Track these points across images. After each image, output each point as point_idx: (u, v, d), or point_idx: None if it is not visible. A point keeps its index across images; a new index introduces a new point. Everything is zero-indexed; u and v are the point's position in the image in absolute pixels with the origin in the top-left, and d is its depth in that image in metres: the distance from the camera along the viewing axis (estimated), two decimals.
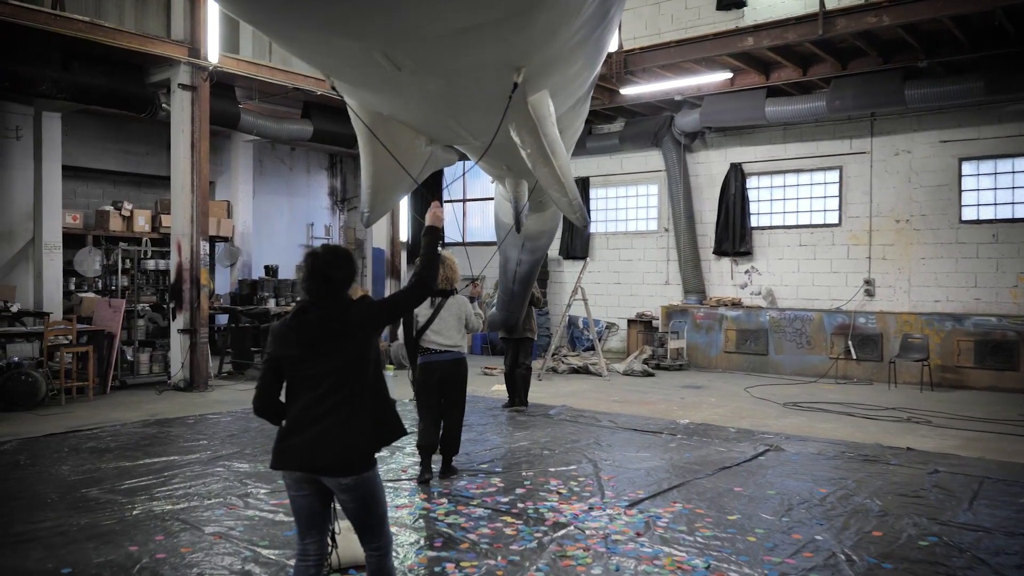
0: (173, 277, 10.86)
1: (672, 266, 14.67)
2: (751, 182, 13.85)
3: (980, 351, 11.18)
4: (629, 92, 13.06)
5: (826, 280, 13.10)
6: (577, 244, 15.67)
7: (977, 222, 11.88)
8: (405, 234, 15.86)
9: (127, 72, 10.78)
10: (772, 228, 13.71)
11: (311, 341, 3.03)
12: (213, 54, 10.73)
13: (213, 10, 10.67)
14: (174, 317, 10.76)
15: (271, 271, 13.95)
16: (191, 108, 10.69)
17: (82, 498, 5.47)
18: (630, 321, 14.50)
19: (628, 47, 12.66)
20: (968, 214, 11.97)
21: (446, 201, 17.41)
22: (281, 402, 3.15)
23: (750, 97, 12.67)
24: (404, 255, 15.26)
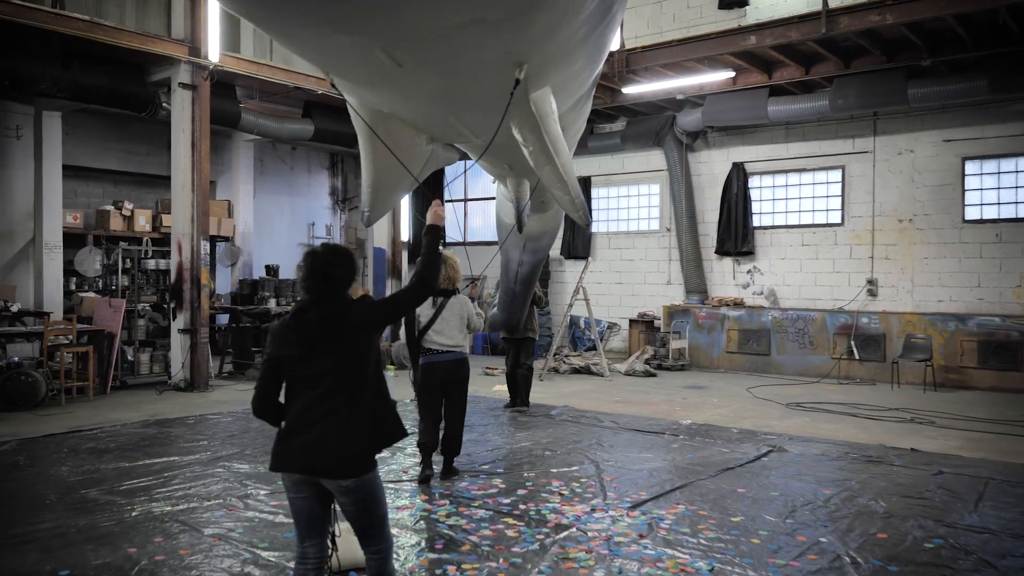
0: (173, 277, 10.83)
1: (674, 266, 14.63)
2: (753, 181, 13.80)
3: (983, 351, 11.13)
4: (631, 91, 13.02)
5: (828, 280, 13.05)
6: (579, 244, 15.62)
7: (980, 222, 11.83)
8: (406, 234, 15.82)
9: (127, 71, 10.75)
10: (774, 228, 13.67)
11: (311, 341, 2.99)
12: (214, 53, 10.70)
13: (214, 9, 10.64)
14: (174, 317, 10.73)
15: (272, 271, 13.93)
16: (191, 107, 10.65)
17: (81, 499, 5.43)
18: (632, 321, 14.46)
19: (630, 46, 12.61)
20: (971, 214, 11.92)
21: (447, 200, 17.39)
22: (280, 403, 3.11)
23: (752, 96, 12.63)
24: (405, 255, 15.23)
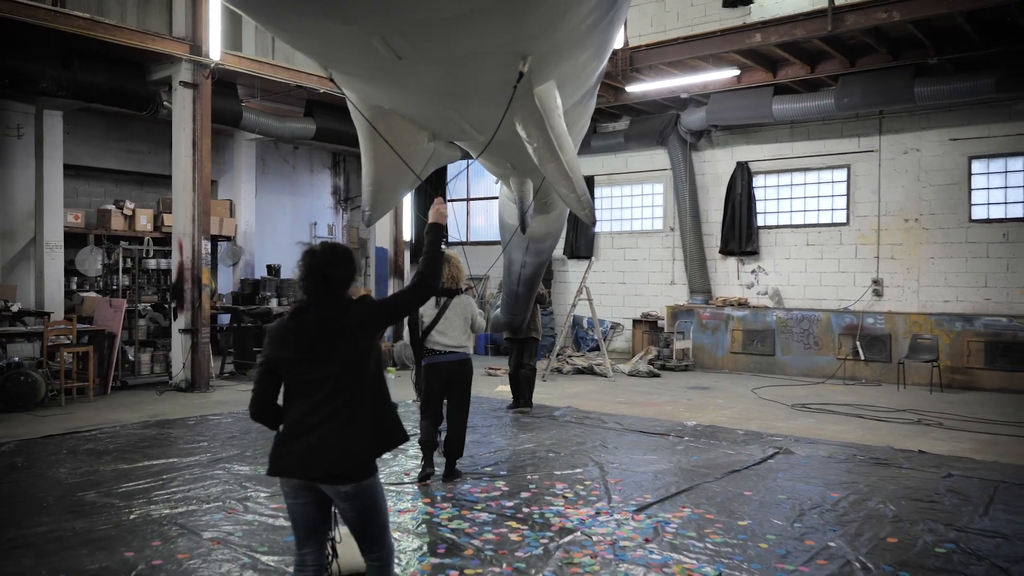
0: (174, 277, 10.77)
1: (678, 266, 14.54)
2: (758, 181, 13.71)
3: (990, 352, 11.03)
4: (635, 90, 12.93)
5: (834, 280, 12.96)
6: (582, 243, 15.54)
7: (987, 221, 11.73)
8: (408, 233, 15.73)
9: (128, 70, 10.68)
10: (779, 227, 13.57)
11: (309, 343, 2.91)
12: (215, 52, 10.62)
13: (215, 7, 10.56)
14: (175, 317, 10.67)
15: (273, 271, 13.85)
16: (192, 106, 10.58)
17: (79, 502, 5.36)
18: (635, 321, 14.38)
19: (633, 44, 12.53)
20: (978, 213, 11.82)
21: (449, 200, 17.31)
22: (279, 406, 3.03)
23: (757, 95, 12.54)
24: (407, 254, 15.14)
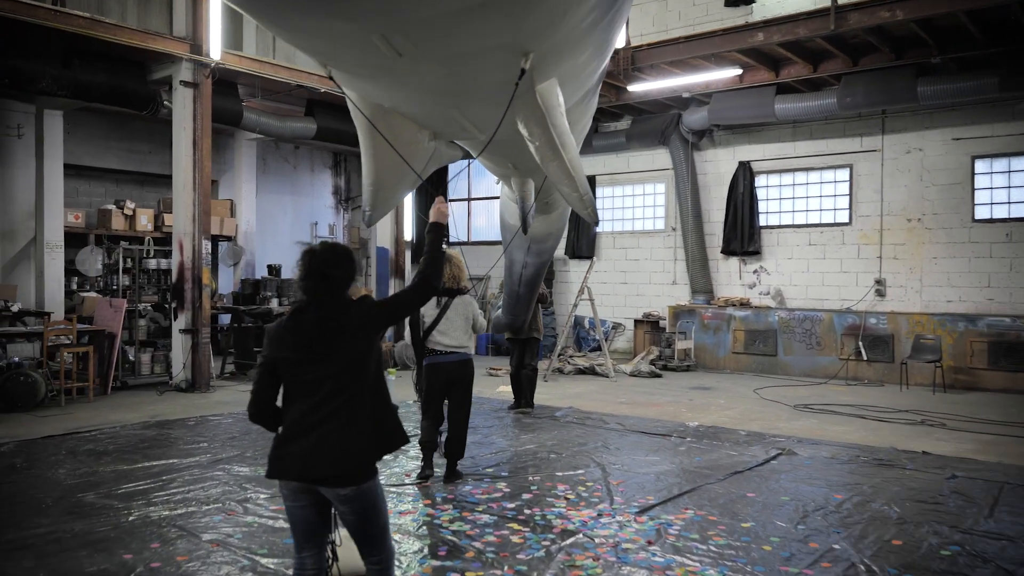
0: (175, 276, 10.74)
1: (679, 266, 14.50)
2: (760, 180, 13.67)
3: (994, 352, 10.98)
4: (636, 89, 12.89)
5: (836, 280, 12.91)
6: (583, 243, 15.51)
7: (990, 221, 11.68)
8: (410, 233, 15.70)
9: (128, 69, 10.65)
10: (781, 227, 13.53)
11: (308, 343, 2.87)
12: (215, 51, 10.59)
13: (216, 6, 10.53)
14: (176, 317, 10.64)
15: (274, 270, 13.82)
16: (193, 105, 10.55)
17: (78, 503, 5.33)
18: (637, 321, 14.33)
19: (635, 44, 12.49)
20: (981, 213, 11.77)
21: (450, 200, 17.29)
22: (278, 407, 3.00)
23: (759, 94, 12.50)
24: (408, 254, 15.11)
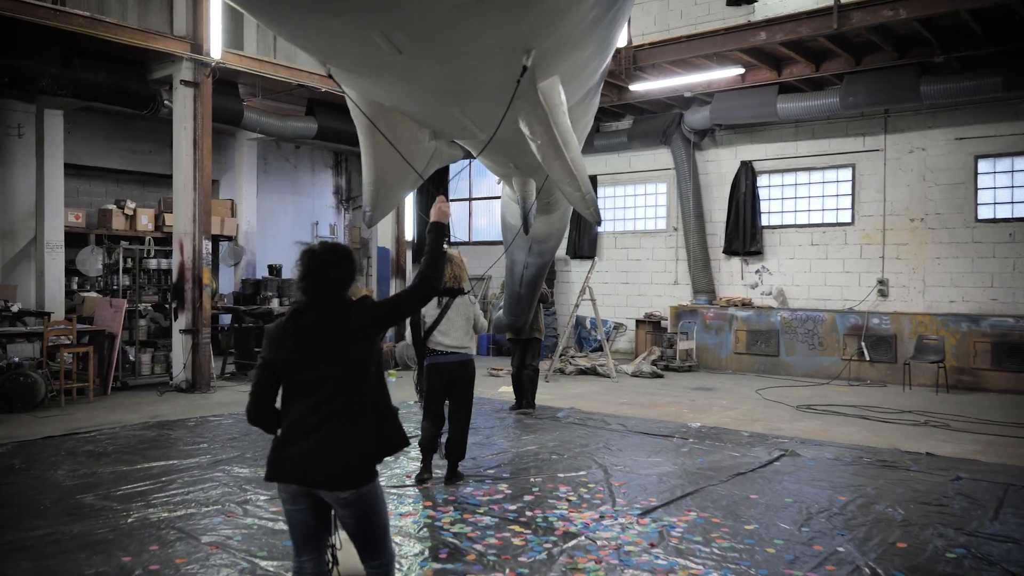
0: (175, 276, 10.71)
1: (681, 266, 14.46)
2: (762, 180, 13.63)
3: (997, 353, 10.94)
4: (638, 88, 12.85)
5: (838, 280, 12.87)
6: (585, 243, 15.47)
7: (993, 221, 11.64)
8: (410, 233, 15.67)
9: (129, 68, 10.62)
10: (783, 227, 13.49)
11: (308, 345, 2.84)
12: (216, 50, 10.55)
13: (216, 5, 10.50)
14: (176, 317, 10.61)
15: (275, 271, 13.79)
16: (193, 105, 10.52)
17: (76, 505, 5.30)
18: (638, 321, 14.30)
19: (637, 43, 12.45)
20: (984, 213, 11.73)
21: (451, 200, 17.25)
22: (277, 409, 2.96)
23: (761, 94, 12.45)
24: (409, 254, 15.07)
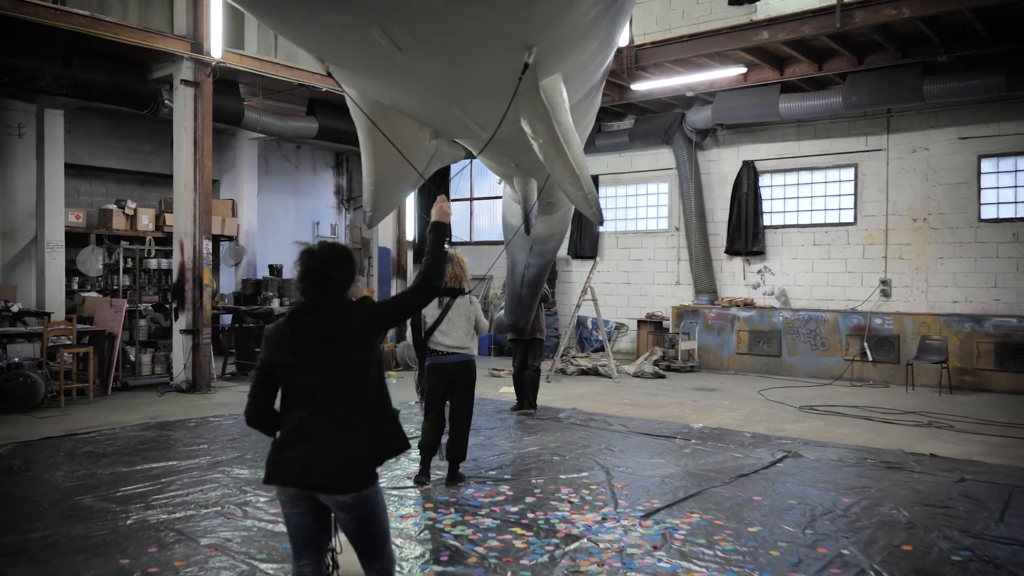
0: (175, 276, 10.68)
1: (683, 266, 14.42)
2: (764, 180, 13.58)
3: (1000, 353, 10.89)
4: (640, 88, 12.82)
5: (841, 280, 12.82)
6: (586, 243, 15.43)
7: (997, 221, 11.59)
8: (411, 233, 15.63)
9: (129, 68, 10.59)
10: (785, 227, 13.44)
11: (306, 346, 2.79)
12: (216, 50, 10.52)
13: (216, 5, 10.47)
14: (176, 317, 10.58)
15: (276, 271, 13.75)
16: (194, 104, 10.49)
17: (75, 506, 5.26)
18: (640, 322, 14.25)
19: (638, 42, 12.42)
20: (987, 212, 11.68)
21: (452, 200, 17.21)
22: (275, 411, 2.92)
23: (763, 93, 12.41)
24: (411, 254, 15.04)
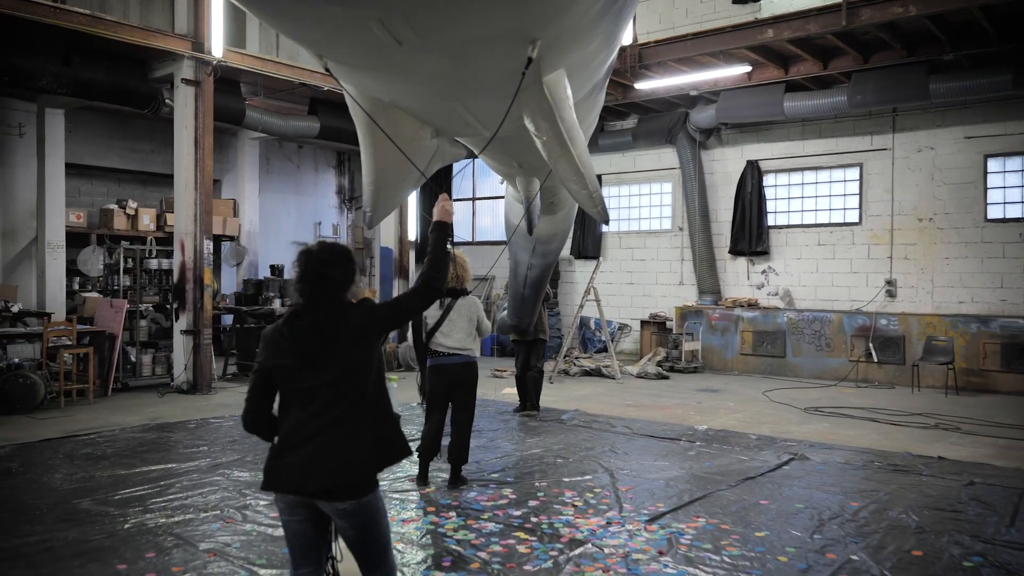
0: (176, 277, 10.62)
1: (686, 266, 14.34)
2: (768, 180, 13.49)
3: (1007, 354, 10.79)
4: (643, 87, 12.74)
5: (846, 280, 12.73)
6: (589, 243, 15.35)
7: (1003, 220, 11.49)
8: (413, 232, 15.56)
9: (129, 67, 10.53)
10: (790, 227, 13.35)
11: (305, 349, 2.72)
12: (217, 49, 10.46)
13: (217, 3, 10.41)
14: (177, 318, 10.52)
15: (277, 271, 13.69)
16: (195, 104, 10.43)
17: (72, 510, 5.19)
18: (643, 322, 14.17)
19: (642, 41, 12.34)
20: (994, 212, 11.59)
21: (454, 199, 17.13)
22: (274, 416, 2.85)
23: (768, 92, 12.33)
24: (413, 254, 14.97)
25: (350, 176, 17.74)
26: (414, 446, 5.75)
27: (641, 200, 15.15)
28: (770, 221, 13.44)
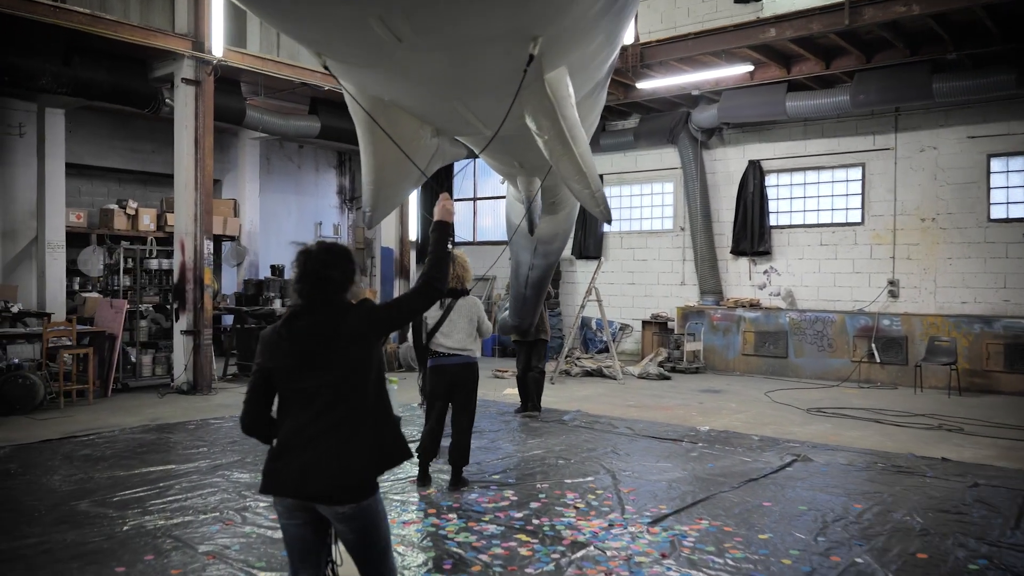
0: (176, 277, 10.59)
1: (688, 266, 14.30)
2: (770, 179, 13.45)
3: (1010, 355, 10.75)
4: (645, 86, 12.70)
5: (848, 280, 12.69)
6: (590, 243, 15.32)
7: (1006, 220, 11.45)
8: (414, 232, 15.53)
9: (130, 66, 10.51)
10: (792, 227, 13.31)
11: (304, 350, 2.68)
12: (218, 48, 10.44)
13: (218, 3, 10.38)
14: (177, 318, 10.49)
15: (277, 271, 13.66)
16: (195, 103, 10.40)
17: (71, 512, 5.16)
18: (645, 322, 14.13)
19: (644, 40, 12.30)
20: (997, 212, 11.54)
21: (455, 199, 17.09)
22: (272, 418, 2.81)
23: (770, 91, 12.29)
24: (413, 254, 14.94)
25: (351, 176, 17.71)
26: (414, 447, 5.72)
27: (643, 200, 15.11)
28: (772, 221, 13.41)
